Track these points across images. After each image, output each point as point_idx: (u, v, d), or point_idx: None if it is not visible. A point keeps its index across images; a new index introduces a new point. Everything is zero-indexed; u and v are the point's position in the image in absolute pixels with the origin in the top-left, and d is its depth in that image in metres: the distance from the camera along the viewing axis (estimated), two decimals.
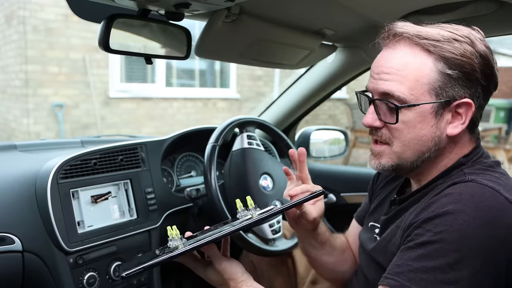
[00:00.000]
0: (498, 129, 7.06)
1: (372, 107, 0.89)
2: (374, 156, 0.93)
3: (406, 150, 0.88)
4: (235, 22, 1.13)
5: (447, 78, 0.83)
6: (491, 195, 0.78)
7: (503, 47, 9.13)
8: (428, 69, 0.83)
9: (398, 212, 0.96)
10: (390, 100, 0.85)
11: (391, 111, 0.86)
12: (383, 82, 0.86)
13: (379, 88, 0.87)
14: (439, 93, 0.84)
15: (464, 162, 0.88)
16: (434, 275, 0.74)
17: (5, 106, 6.15)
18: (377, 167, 0.92)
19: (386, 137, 0.89)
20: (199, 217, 1.54)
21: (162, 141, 1.54)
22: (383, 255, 0.93)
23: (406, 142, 0.87)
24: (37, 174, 1.21)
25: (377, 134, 0.90)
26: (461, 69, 0.83)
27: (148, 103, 6.34)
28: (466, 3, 1.09)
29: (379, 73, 0.87)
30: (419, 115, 0.85)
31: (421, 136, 0.86)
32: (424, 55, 0.84)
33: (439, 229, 0.76)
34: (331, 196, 1.99)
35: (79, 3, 1.14)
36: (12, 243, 1.10)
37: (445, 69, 0.83)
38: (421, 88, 0.84)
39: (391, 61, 0.86)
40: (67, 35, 5.63)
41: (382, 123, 0.88)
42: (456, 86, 0.84)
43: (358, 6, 1.14)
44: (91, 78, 5.85)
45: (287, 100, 1.95)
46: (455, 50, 0.82)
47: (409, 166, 0.90)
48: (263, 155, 1.51)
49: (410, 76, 0.84)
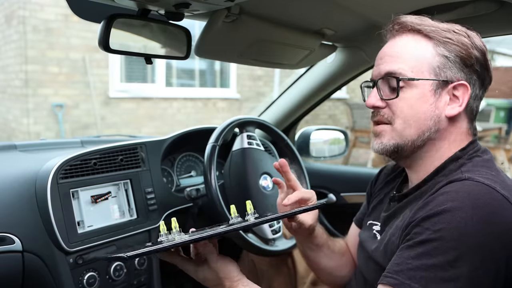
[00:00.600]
0: (498, 129, 7.06)
1: (374, 89, 0.94)
2: (375, 137, 0.96)
3: (406, 127, 0.91)
4: (235, 22, 1.13)
5: (445, 60, 0.90)
6: (487, 192, 0.79)
7: (502, 47, 9.12)
8: (428, 51, 0.90)
9: (398, 209, 0.97)
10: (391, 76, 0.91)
11: (393, 89, 0.92)
12: (385, 64, 0.93)
13: (381, 70, 0.93)
14: (437, 72, 0.90)
15: (460, 155, 0.90)
16: (434, 272, 0.75)
17: (5, 106, 6.15)
18: (378, 147, 0.94)
19: (388, 116, 0.93)
20: (199, 217, 1.54)
21: (162, 141, 1.54)
22: (382, 255, 0.93)
23: (406, 118, 0.91)
24: (37, 174, 1.21)
25: (379, 113, 0.94)
26: (457, 53, 0.89)
27: (148, 103, 6.34)
28: (466, 3, 1.09)
29: (383, 57, 0.94)
30: (418, 92, 0.90)
31: (420, 113, 0.90)
32: (424, 39, 0.91)
33: (437, 227, 0.77)
34: (331, 196, 1.99)
35: (79, 3, 1.14)
36: (12, 243, 1.10)
37: (444, 52, 0.89)
38: (421, 67, 0.90)
39: (394, 47, 0.94)
40: (67, 35, 5.63)
41: (384, 102, 0.93)
42: (453, 68, 0.90)
43: (358, 6, 1.14)
44: (91, 78, 5.85)
45: (287, 100, 1.95)
46: (453, 37, 0.90)
47: (410, 147, 0.92)
48: (263, 155, 1.51)
49: (411, 56, 0.91)
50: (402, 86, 0.90)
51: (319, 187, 1.98)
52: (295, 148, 1.70)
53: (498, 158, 5.52)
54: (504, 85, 7.16)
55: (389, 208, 1.02)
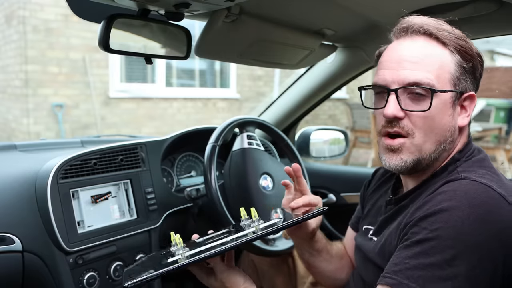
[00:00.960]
0: (498, 129, 7.06)
1: (393, 97, 0.86)
2: (393, 153, 0.88)
3: (427, 140, 0.87)
4: (235, 22, 1.13)
5: (463, 70, 0.87)
6: (484, 191, 0.79)
7: (502, 47, 9.12)
8: (448, 60, 0.87)
9: (395, 212, 0.96)
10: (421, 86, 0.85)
11: (417, 99, 0.86)
12: (409, 71, 0.85)
13: (404, 78, 0.86)
14: (457, 83, 0.87)
15: (458, 158, 0.90)
16: (432, 271, 0.75)
17: (5, 106, 6.15)
18: (398, 164, 0.88)
19: (408, 128, 0.87)
20: (199, 217, 1.54)
21: (162, 141, 1.54)
22: (381, 257, 0.93)
23: (428, 131, 0.86)
24: (37, 174, 1.21)
25: (399, 125, 0.87)
26: (471, 63, 0.87)
27: (148, 103, 6.34)
28: (466, 3, 1.09)
29: (401, 62, 0.87)
30: (441, 104, 0.86)
31: (442, 125, 0.87)
32: (441, 46, 0.87)
33: (434, 226, 0.77)
34: (331, 196, 1.99)
35: (79, 3, 1.14)
36: (12, 243, 1.10)
37: (461, 62, 0.87)
38: (444, 76, 0.86)
39: (413, 50, 0.87)
40: (67, 35, 5.63)
41: (404, 112, 0.86)
42: (468, 79, 0.88)
43: (358, 6, 1.14)
44: (91, 78, 5.85)
45: (287, 100, 1.95)
46: (465, 44, 0.87)
47: (428, 160, 0.88)
48: (263, 155, 1.50)
49: (435, 65, 0.86)
50: (426, 96, 0.84)
51: (319, 187, 1.98)
52: (295, 148, 1.70)
53: (498, 158, 5.52)
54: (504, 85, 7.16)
55: (385, 212, 1.01)
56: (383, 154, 0.91)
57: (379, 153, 0.93)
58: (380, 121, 0.91)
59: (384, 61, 0.91)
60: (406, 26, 0.89)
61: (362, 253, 1.05)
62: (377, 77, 0.91)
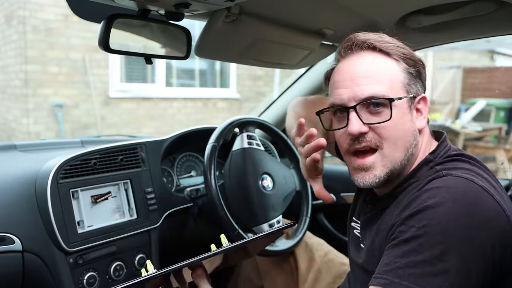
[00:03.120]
0: (498, 129, 7.06)
1: (353, 114, 0.88)
2: (365, 171, 0.90)
3: (395, 149, 0.89)
4: (235, 22, 1.13)
5: (410, 76, 0.91)
6: (467, 185, 0.81)
7: (502, 47, 9.11)
8: (395, 69, 0.90)
9: (375, 214, 0.97)
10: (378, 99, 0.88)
11: (377, 112, 0.88)
12: (364, 86, 0.88)
13: (360, 94, 0.88)
14: (408, 89, 0.91)
15: (431, 159, 0.92)
16: (422, 268, 0.75)
17: (5, 106, 6.15)
18: (372, 181, 0.89)
19: (375, 140, 0.89)
20: (199, 217, 1.54)
21: (162, 141, 1.54)
22: (370, 262, 0.93)
23: (394, 140, 0.89)
24: (37, 174, 1.21)
25: (365, 140, 0.89)
26: (415, 68, 0.91)
27: (148, 103, 6.34)
28: (466, 3, 1.09)
29: (354, 79, 0.89)
30: (400, 111, 0.89)
31: (405, 131, 0.90)
32: (386, 57, 0.91)
33: (421, 224, 0.78)
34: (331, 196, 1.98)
35: (79, 3, 1.14)
36: (12, 243, 1.10)
37: (407, 68, 0.91)
38: (396, 85, 0.90)
39: (362, 66, 0.90)
40: (67, 35, 5.63)
41: (367, 127, 0.88)
42: (417, 83, 0.92)
43: (358, 6, 1.14)
44: (91, 78, 5.85)
45: (287, 100, 1.95)
46: (407, 52, 0.91)
47: (399, 168, 0.90)
48: (263, 155, 1.51)
49: (385, 77, 0.89)
50: (385, 107, 0.87)
51: None
52: (295, 148, 1.70)
53: (498, 158, 5.52)
54: (504, 85, 7.16)
55: (366, 211, 1.02)
56: (355, 174, 0.92)
57: (350, 173, 0.94)
58: (344, 140, 0.92)
59: (337, 81, 0.93)
60: (350, 44, 0.92)
61: (357, 264, 1.04)
62: (333, 98, 0.93)
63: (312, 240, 1.59)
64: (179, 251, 1.59)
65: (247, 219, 1.41)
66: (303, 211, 1.58)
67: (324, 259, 1.51)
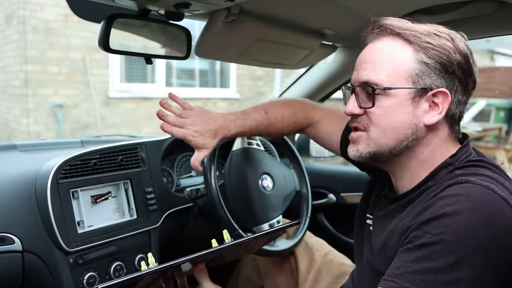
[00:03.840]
0: (498, 129, 7.06)
1: (353, 96, 0.93)
2: (352, 144, 0.95)
3: (382, 136, 0.90)
4: (235, 22, 1.13)
5: (425, 67, 0.87)
6: (486, 194, 0.79)
7: (502, 47, 9.11)
8: (407, 58, 0.88)
9: (391, 213, 0.96)
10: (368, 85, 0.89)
11: (370, 97, 0.90)
12: (363, 71, 0.91)
13: (359, 78, 0.92)
14: (416, 80, 0.87)
15: (451, 162, 0.89)
16: (434, 276, 0.74)
17: (5, 106, 6.15)
18: (355, 154, 0.94)
19: (364, 123, 0.92)
20: (199, 217, 1.54)
21: (162, 141, 1.54)
22: (380, 261, 0.93)
23: (382, 127, 0.89)
24: (37, 174, 1.21)
25: (357, 120, 0.93)
26: (438, 59, 0.86)
27: (148, 103, 6.34)
28: (466, 3, 1.09)
29: (361, 64, 0.93)
30: (396, 101, 0.88)
31: (397, 122, 0.89)
32: (404, 44, 0.88)
33: (437, 231, 0.76)
34: (331, 196, 1.99)
35: (79, 3, 1.14)
36: (12, 243, 1.10)
37: (423, 58, 0.87)
38: (398, 74, 0.88)
39: (372, 51, 0.92)
40: (67, 35, 5.63)
41: (362, 110, 0.92)
42: (433, 75, 0.87)
43: (358, 6, 1.14)
44: (91, 78, 5.85)
45: None
46: (433, 42, 0.87)
47: (387, 155, 0.91)
48: (263, 155, 1.51)
49: (387, 63, 0.89)
50: (379, 94, 0.88)
51: (319, 187, 1.99)
52: (295, 148, 1.70)
53: (498, 158, 5.52)
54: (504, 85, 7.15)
55: (381, 207, 1.01)
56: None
57: None
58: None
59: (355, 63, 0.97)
60: (371, 28, 0.94)
61: (361, 254, 1.04)
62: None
63: (312, 240, 1.59)
64: (179, 251, 1.58)
65: (247, 219, 1.41)
66: (303, 211, 1.58)
67: (325, 259, 1.51)
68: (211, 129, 1.19)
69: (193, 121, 1.20)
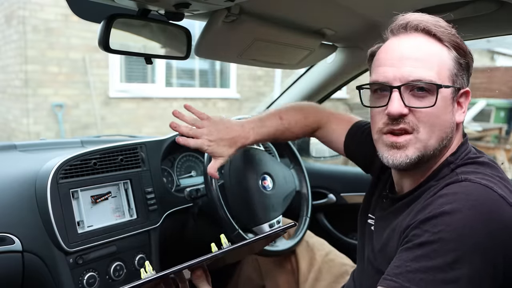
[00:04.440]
0: (498, 129, 7.06)
1: (396, 94, 0.85)
2: (397, 149, 0.87)
3: (431, 136, 0.86)
4: (235, 22, 1.13)
5: (460, 66, 0.88)
6: (485, 193, 0.79)
7: (502, 47, 9.11)
8: (446, 56, 0.87)
9: (392, 213, 0.96)
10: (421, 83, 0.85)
11: (420, 96, 0.85)
12: (411, 68, 0.85)
13: (407, 75, 0.85)
14: (455, 79, 0.88)
15: (452, 160, 0.89)
16: (434, 275, 0.75)
17: (5, 106, 6.15)
18: (403, 160, 0.87)
19: (413, 124, 0.86)
20: (199, 217, 1.54)
21: (162, 141, 1.53)
22: (380, 260, 0.93)
23: (433, 127, 0.86)
24: (37, 174, 1.21)
25: (404, 121, 0.86)
26: (466, 59, 0.88)
27: (148, 103, 6.34)
28: (466, 3, 1.09)
29: (402, 60, 0.86)
30: (443, 100, 0.86)
31: (444, 121, 0.87)
32: (438, 43, 0.88)
33: (436, 229, 0.77)
34: (331, 196, 1.99)
35: (79, 3, 1.14)
36: (12, 243, 1.10)
37: (458, 58, 0.88)
38: (444, 73, 0.87)
39: (413, 48, 0.87)
40: (67, 35, 5.63)
41: (408, 109, 0.86)
42: (464, 75, 0.89)
43: (358, 6, 1.14)
44: (91, 78, 5.85)
45: (287, 100, 1.94)
46: (459, 41, 0.88)
47: (430, 155, 0.88)
48: (263, 155, 1.51)
49: (435, 62, 0.86)
50: (429, 92, 0.85)
51: (319, 187, 1.99)
52: (295, 148, 1.70)
53: (498, 158, 5.52)
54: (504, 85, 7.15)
55: (382, 208, 1.01)
56: (386, 151, 0.89)
57: (379, 151, 0.92)
58: (380, 119, 0.90)
59: (382, 59, 0.90)
60: (404, 23, 0.89)
61: (362, 254, 1.05)
62: (376, 74, 0.89)
63: (313, 240, 1.59)
64: (179, 251, 1.59)
65: (247, 219, 1.41)
66: (303, 211, 1.58)
67: (325, 259, 1.51)
68: (228, 138, 1.19)
69: (209, 130, 1.19)
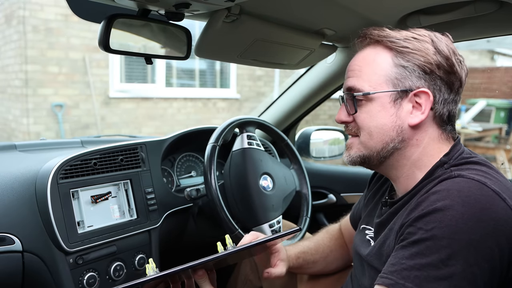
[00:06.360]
0: (498, 129, 7.07)
1: (343, 104, 0.99)
2: (346, 150, 1.01)
3: (370, 139, 0.94)
4: (235, 22, 1.13)
5: (403, 70, 0.91)
6: (478, 188, 0.79)
7: (503, 47, 9.11)
8: (386, 63, 0.92)
9: (390, 215, 0.97)
10: (351, 93, 0.95)
11: (357, 104, 0.95)
12: (348, 79, 0.97)
13: (345, 86, 0.98)
14: (396, 83, 0.92)
15: (446, 160, 0.91)
16: (428, 271, 0.75)
17: (5, 106, 6.15)
18: (347, 159, 0.99)
19: (354, 129, 0.97)
20: (199, 217, 1.54)
21: (162, 141, 1.54)
22: (378, 259, 0.94)
23: (369, 131, 0.94)
24: (37, 174, 1.21)
25: (348, 128, 0.99)
26: (416, 61, 0.90)
27: (148, 103, 6.34)
28: (466, 3, 1.09)
29: (347, 72, 0.98)
30: (378, 105, 0.92)
31: (382, 125, 0.93)
32: (384, 51, 0.93)
33: (429, 226, 0.78)
34: (331, 196, 1.99)
35: (79, 3, 1.14)
36: (12, 243, 1.10)
37: (401, 62, 0.91)
38: (378, 79, 0.92)
39: (356, 60, 0.97)
40: (67, 35, 5.63)
41: (351, 117, 0.97)
42: (412, 77, 0.91)
43: (358, 6, 1.14)
44: (91, 78, 5.85)
45: (287, 100, 1.95)
46: (410, 45, 0.91)
47: (376, 157, 0.95)
48: (263, 155, 1.51)
49: (368, 70, 0.93)
50: (361, 100, 0.94)
51: (319, 187, 1.99)
52: (295, 148, 1.70)
53: (499, 158, 5.52)
54: (504, 85, 7.16)
55: (381, 214, 1.02)
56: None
57: None
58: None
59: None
60: (357, 39, 0.99)
61: (360, 256, 1.05)
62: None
63: None
64: (179, 251, 1.59)
65: (247, 219, 1.41)
66: (303, 211, 1.58)
67: None
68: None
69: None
